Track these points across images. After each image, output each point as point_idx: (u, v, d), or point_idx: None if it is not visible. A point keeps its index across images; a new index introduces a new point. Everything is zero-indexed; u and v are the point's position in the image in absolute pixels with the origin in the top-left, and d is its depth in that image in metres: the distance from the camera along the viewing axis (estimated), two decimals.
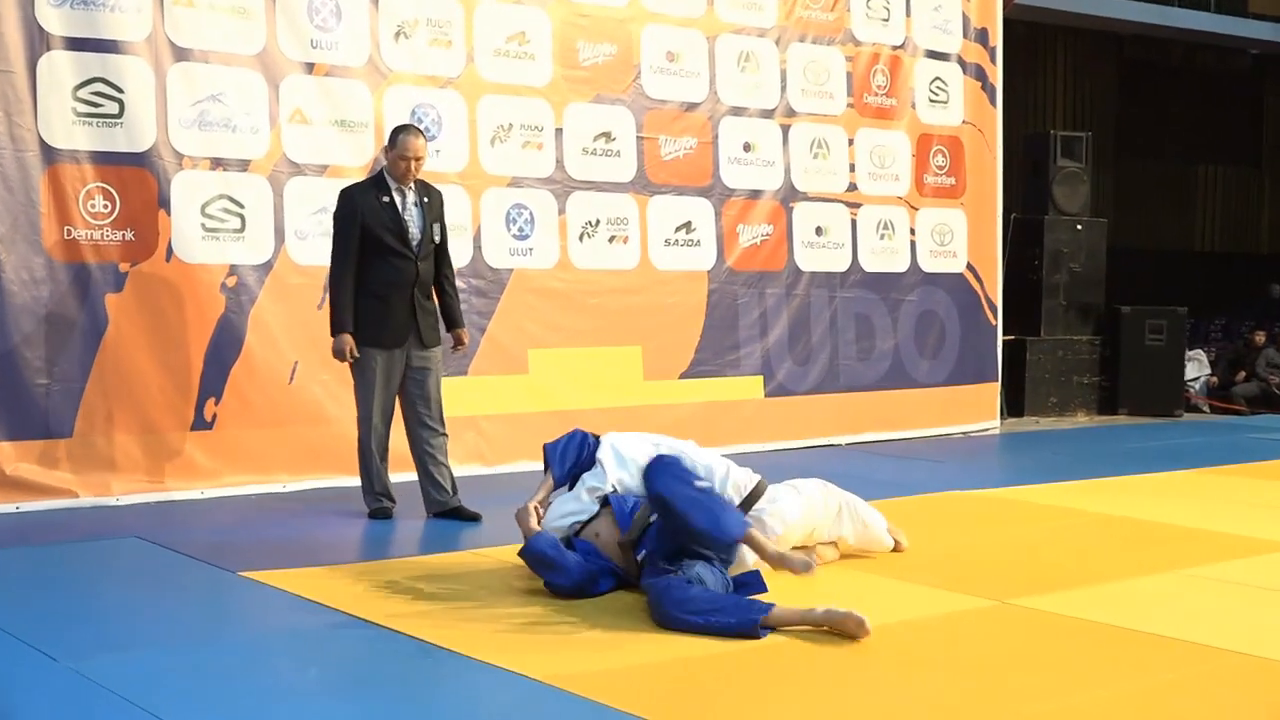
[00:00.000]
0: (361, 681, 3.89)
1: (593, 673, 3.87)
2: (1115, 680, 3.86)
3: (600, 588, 4.72)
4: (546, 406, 8.10)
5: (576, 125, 8.25)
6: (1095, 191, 12.22)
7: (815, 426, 9.24)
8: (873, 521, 5.41)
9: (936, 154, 9.99)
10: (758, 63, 9.04)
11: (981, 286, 10.29)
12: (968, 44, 10.13)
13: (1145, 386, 11.55)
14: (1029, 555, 5.64)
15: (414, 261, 6.26)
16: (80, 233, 6.69)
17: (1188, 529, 6.19)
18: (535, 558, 4.73)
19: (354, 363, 6.24)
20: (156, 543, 5.76)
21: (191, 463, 6.95)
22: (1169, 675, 3.92)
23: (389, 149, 6.27)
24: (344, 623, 4.43)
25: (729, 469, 5.06)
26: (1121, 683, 3.84)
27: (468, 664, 3.96)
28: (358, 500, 6.50)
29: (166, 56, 6.89)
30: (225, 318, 7.05)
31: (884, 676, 3.93)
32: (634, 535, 4.72)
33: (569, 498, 4.98)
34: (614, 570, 4.76)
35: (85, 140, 6.68)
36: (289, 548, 5.71)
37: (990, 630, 4.44)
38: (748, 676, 3.88)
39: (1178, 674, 3.93)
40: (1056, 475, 7.83)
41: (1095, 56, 15.95)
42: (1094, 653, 4.12)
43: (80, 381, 6.69)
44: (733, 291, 8.93)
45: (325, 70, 7.38)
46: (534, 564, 4.77)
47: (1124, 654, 4.12)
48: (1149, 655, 4.11)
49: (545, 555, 4.70)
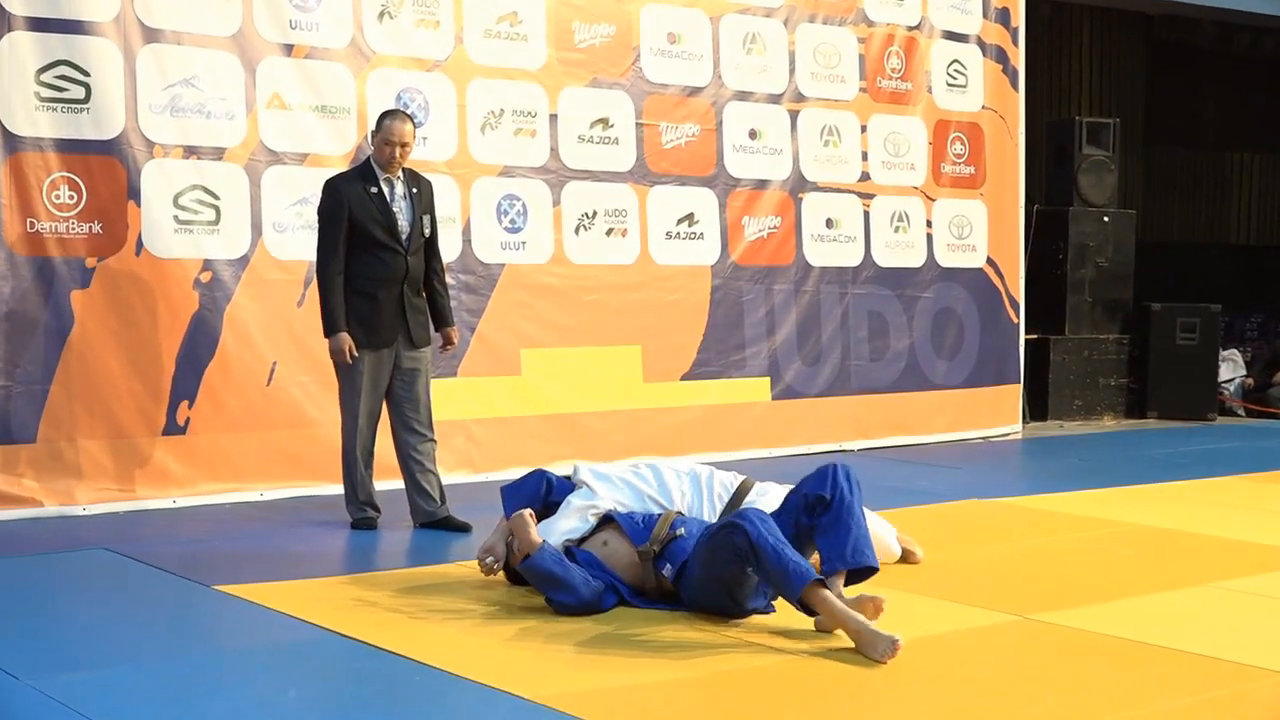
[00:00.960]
0: (343, 702, 3.89)
1: (588, 692, 3.88)
2: (1144, 700, 3.87)
3: (605, 604, 4.72)
4: (540, 410, 8.10)
5: (572, 111, 8.26)
6: (1123, 181, 12.22)
7: (825, 431, 9.24)
8: (879, 529, 5.41)
9: (954, 141, 9.99)
10: (764, 44, 9.04)
11: (1002, 282, 10.29)
12: (988, 24, 10.14)
13: (1176, 388, 11.54)
14: (1052, 567, 5.64)
15: (404, 256, 6.26)
16: (44, 225, 6.69)
17: (1221, 540, 6.20)
18: (541, 575, 4.72)
19: (339, 363, 6.24)
20: (126, 555, 5.76)
21: (163, 470, 6.95)
22: (1201, 695, 3.92)
23: (373, 134, 6.28)
24: (325, 639, 4.44)
25: (711, 472, 5.24)
26: (1151, 703, 3.84)
27: (456, 683, 3.96)
28: (339, 509, 6.50)
29: (136, 37, 6.89)
30: (199, 315, 7.05)
31: (900, 696, 3.93)
32: (655, 548, 4.75)
33: (557, 518, 5.01)
34: (616, 586, 4.77)
35: (49, 127, 6.68)
36: (267, 560, 5.71)
37: (1012, 647, 4.45)
38: (756, 697, 3.88)
39: (1210, 694, 3.93)
40: (1082, 483, 7.83)
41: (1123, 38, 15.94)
42: (1121, 671, 4.13)
43: (44, 383, 6.69)
44: (738, 288, 8.93)
45: (305, 52, 7.38)
46: (538, 582, 4.76)
47: (1153, 672, 4.12)
48: (1179, 673, 4.11)
49: (551, 573, 4.68)
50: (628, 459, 5.48)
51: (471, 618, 4.70)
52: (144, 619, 4.81)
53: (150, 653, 4.32)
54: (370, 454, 6.39)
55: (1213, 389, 11.79)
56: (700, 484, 5.17)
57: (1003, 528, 6.55)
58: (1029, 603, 4.91)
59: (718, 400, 8.81)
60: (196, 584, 5.23)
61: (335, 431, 6.45)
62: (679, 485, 5.15)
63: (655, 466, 5.26)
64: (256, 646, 4.44)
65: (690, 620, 4.60)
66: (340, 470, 6.42)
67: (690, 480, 5.17)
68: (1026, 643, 4.48)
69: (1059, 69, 15.18)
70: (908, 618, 4.72)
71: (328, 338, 6.23)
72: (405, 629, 4.53)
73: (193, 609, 5.00)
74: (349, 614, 4.71)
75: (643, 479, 5.16)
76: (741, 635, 4.44)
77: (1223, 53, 16.48)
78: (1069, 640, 4.46)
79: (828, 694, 3.96)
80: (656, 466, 5.26)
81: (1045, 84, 14.11)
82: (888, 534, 5.47)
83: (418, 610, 4.78)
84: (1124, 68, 15.94)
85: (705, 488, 5.15)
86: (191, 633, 4.73)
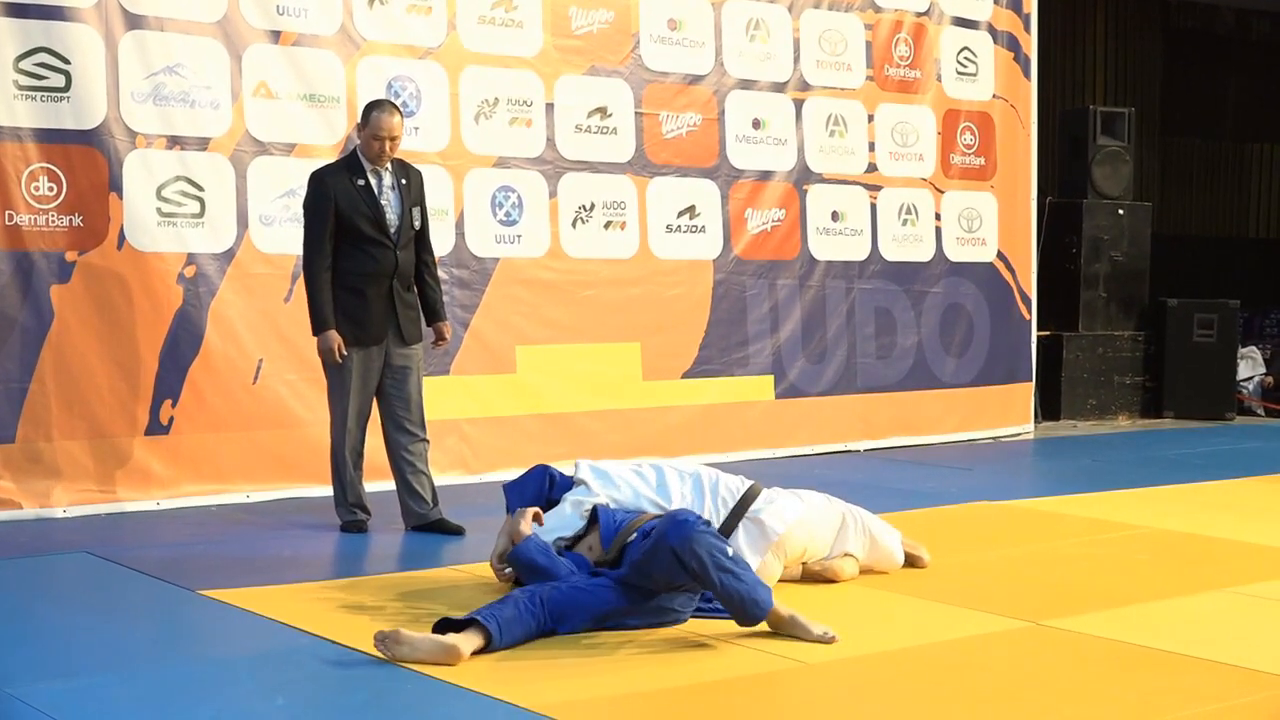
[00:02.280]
0: (332, 709, 3.90)
1: (581, 701, 3.89)
2: (1159, 709, 3.87)
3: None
4: (536, 409, 8.11)
5: (569, 100, 8.26)
6: (1138, 173, 12.22)
7: (830, 431, 9.25)
8: (882, 536, 5.42)
9: (964, 132, 9.99)
10: (768, 31, 9.04)
11: (1013, 277, 10.30)
12: (999, 10, 10.14)
13: (1193, 387, 11.55)
14: (1064, 572, 5.65)
15: (392, 250, 6.26)
16: (23, 218, 6.69)
17: (1238, 543, 6.21)
18: (525, 566, 4.74)
19: (327, 362, 6.25)
20: (107, 558, 5.76)
21: (145, 470, 6.95)
22: (1218, 703, 3.93)
23: (361, 127, 6.28)
24: (313, 645, 4.44)
25: (717, 475, 5.21)
26: (1166, 711, 3.85)
27: (447, 690, 3.96)
28: (327, 512, 6.51)
29: (118, 24, 6.89)
30: (182, 311, 7.05)
31: (906, 703, 3.94)
32: (611, 556, 4.76)
33: (553, 514, 5.03)
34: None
35: (28, 116, 6.68)
36: (252, 563, 5.72)
37: (1022, 654, 4.45)
38: (754, 705, 3.89)
39: (1227, 702, 3.94)
40: (1095, 484, 7.84)
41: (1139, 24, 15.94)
42: (1135, 678, 4.13)
43: (23, 381, 6.69)
44: (740, 283, 8.94)
45: (292, 39, 7.38)
46: (524, 572, 4.78)
47: (1168, 680, 4.13)
48: (1195, 681, 4.12)
49: (535, 564, 4.72)
50: (632, 459, 5.45)
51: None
52: (126, 625, 4.81)
53: (133, 659, 4.33)
54: (360, 455, 6.40)
55: (1231, 388, 11.79)
56: (703, 487, 5.14)
57: (1013, 531, 6.56)
58: (1040, 608, 4.92)
59: (719, 399, 8.82)
60: (180, 588, 5.24)
61: (323, 431, 6.46)
62: (680, 487, 5.14)
63: (659, 466, 5.26)
64: (242, 653, 4.44)
65: (685, 629, 4.59)
66: (329, 471, 6.42)
67: (693, 482, 5.15)
68: (1037, 650, 4.48)
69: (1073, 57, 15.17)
70: (914, 623, 4.74)
71: (315, 336, 6.23)
72: None
73: (176, 614, 5.00)
74: (338, 619, 4.72)
75: (643, 478, 5.17)
76: (739, 642, 4.45)
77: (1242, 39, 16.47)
78: (1081, 647, 4.47)
79: (829, 701, 3.96)
80: (660, 466, 5.26)
81: (1058, 72, 14.10)
82: (892, 540, 5.47)
83: (409, 616, 4.78)
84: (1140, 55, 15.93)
85: (709, 492, 5.12)
86: (175, 639, 4.74)
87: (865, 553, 5.38)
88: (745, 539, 5.03)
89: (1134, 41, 15.80)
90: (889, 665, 4.29)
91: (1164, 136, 16.29)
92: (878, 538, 5.41)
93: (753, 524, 5.04)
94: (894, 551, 5.47)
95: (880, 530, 5.43)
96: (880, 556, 5.42)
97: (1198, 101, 16.64)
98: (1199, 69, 16.46)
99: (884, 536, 5.43)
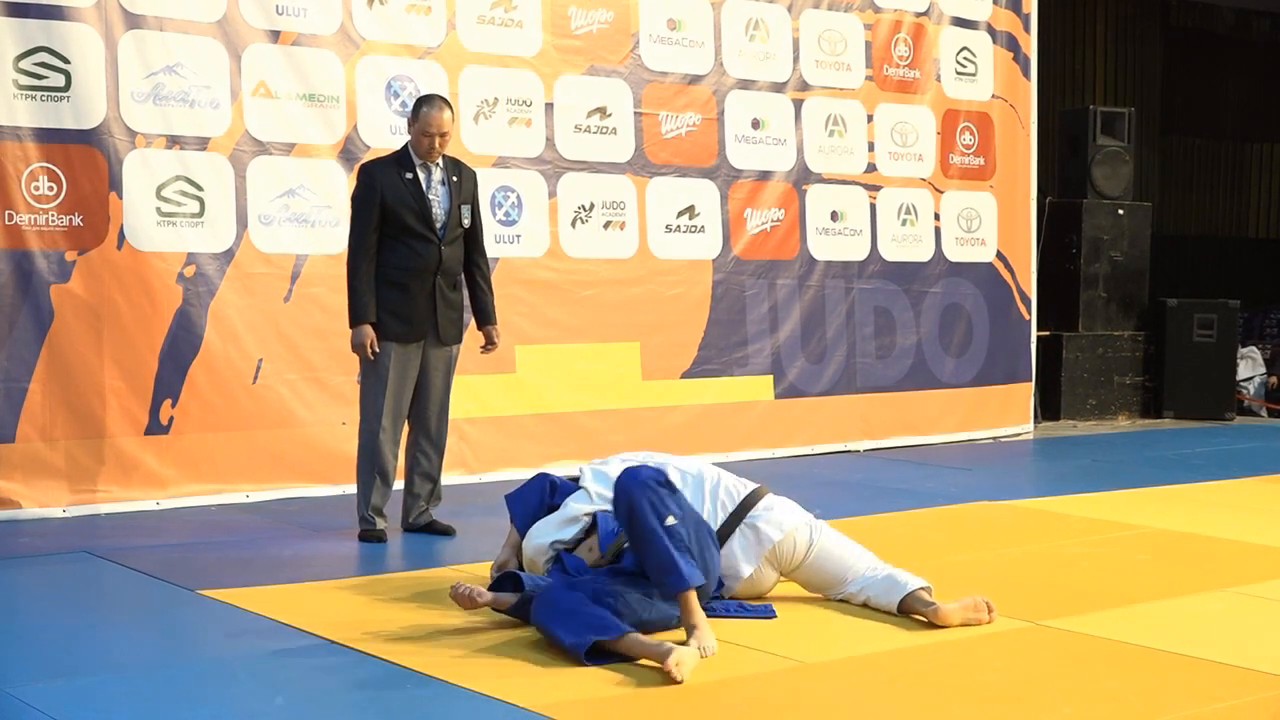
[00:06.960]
0: (331, 709, 3.90)
1: (582, 701, 3.89)
2: (1159, 709, 3.88)
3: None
4: (535, 409, 8.11)
5: (568, 100, 8.26)
6: (1138, 173, 12.22)
7: (830, 431, 9.25)
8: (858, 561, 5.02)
9: (964, 132, 10.00)
10: (768, 31, 9.05)
11: (1013, 277, 10.30)
12: (999, 10, 10.14)
13: (1193, 387, 11.55)
14: (1065, 572, 5.65)
15: (437, 245, 6.20)
16: (23, 217, 6.69)
17: (1239, 543, 6.21)
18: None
19: (361, 358, 6.20)
20: (107, 558, 5.77)
21: (146, 470, 6.95)
22: (1218, 703, 3.93)
23: (411, 122, 6.24)
24: (313, 646, 4.44)
25: (719, 476, 5.08)
26: (1166, 711, 3.85)
27: (446, 690, 3.97)
28: (328, 512, 6.51)
29: (118, 24, 6.89)
30: (182, 311, 7.05)
31: (906, 704, 3.95)
32: (607, 560, 4.74)
33: (552, 520, 4.99)
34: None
35: (27, 116, 6.68)
36: (252, 564, 5.72)
37: (1022, 654, 4.46)
38: (754, 705, 3.89)
39: (1228, 702, 3.94)
40: (1095, 485, 7.84)
41: (1139, 24, 15.94)
42: (1136, 678, 4.14)
43: (23, 381, 6.69)
44: (740, 283, 8.94)
45: (292, 39, 7.38)
46: None
47: (1169, 680, 4.13)
48: (1196, 681, 4.12)
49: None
50: (640, 452, 5.32)
51: (462, 623, 4.69)
52: (126, 625, 4.82)
53: (133, 660, 4.33)
54: (392, 457, 6.22)
55: (1231, 388, 11.79)
56: (705, 488, 5.01)
57: (1013, 531, 6.56)
58: (1040, 608, 4.92)
59: (719, 399, 8.82)
60: (180, 588, 5.24)
61: (323, 431, 6.45)
62: (681, 487, 5.08)
63: (663, 466, 5.08)
64: (242, 653, 4.44)
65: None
66: (329, 471, 6.37)
67: (695, 483, 5.02)
68: (1038, 650, 4.49)
69: (1072, 56, 15.18)
70: (914, 623, 4.73)
71: (352, 329, 6.18)
72: (395, 635, 4.54)
73: (176, 614, 5.00)
74: (337, 619, 4.72)
75: None
76: (739, 642, 4.45)
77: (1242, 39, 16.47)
78: (1081, 647, 4.47)
79: (829, 701, 3.96)
80: (664, 466, 5.05)
81: (1058, 72, 14.11)
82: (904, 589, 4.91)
83: (407, 616, 4.79)
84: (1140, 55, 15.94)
85: (710, 493, 5.00)
86: (175, 639, 4.74)
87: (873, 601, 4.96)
88: (740, 545, 4.91)
89: (1134, 41, 15.81)
90: (888, 665, 4.29)
91: (1164, 136, 16.30)
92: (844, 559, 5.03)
93: (749, 530, 4.93)
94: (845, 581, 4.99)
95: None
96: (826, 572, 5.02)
97: (1198, 101, 16.65)
98: (1199, 69, 16.47)
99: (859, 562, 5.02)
